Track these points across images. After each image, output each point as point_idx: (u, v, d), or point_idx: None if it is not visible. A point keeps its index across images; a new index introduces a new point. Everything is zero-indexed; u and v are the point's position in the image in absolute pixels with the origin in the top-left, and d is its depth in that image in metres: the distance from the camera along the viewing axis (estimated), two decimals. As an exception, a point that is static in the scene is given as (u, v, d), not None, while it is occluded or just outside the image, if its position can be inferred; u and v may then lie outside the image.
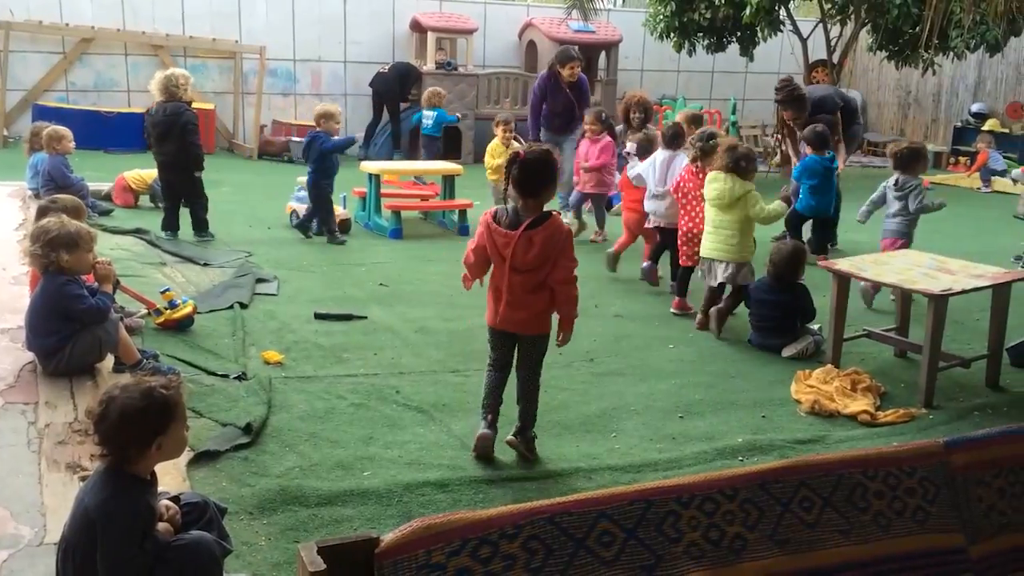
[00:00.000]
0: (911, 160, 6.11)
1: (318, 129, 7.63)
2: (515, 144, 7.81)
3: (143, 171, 8.49)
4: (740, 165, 5.35)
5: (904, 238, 6.04)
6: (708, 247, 5.53)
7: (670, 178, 6.17)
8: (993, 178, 12.77)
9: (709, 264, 5.56)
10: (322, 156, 7.50)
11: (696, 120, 7.51)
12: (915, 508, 2.07)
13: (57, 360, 4.10)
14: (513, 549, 1.71)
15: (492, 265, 3.61)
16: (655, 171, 6.33)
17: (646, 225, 6.55)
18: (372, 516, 3.19)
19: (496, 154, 8.15)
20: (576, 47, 9.22)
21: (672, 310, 5.94)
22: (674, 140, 6.39)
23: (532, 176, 3.46)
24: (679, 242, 5.96)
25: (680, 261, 6.02)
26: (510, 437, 3.72)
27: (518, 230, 3.44)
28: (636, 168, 6.59)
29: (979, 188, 12.71)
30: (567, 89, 8.53)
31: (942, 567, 2.06)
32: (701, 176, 5.71)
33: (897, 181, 6.09)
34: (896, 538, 2.03)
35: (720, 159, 5.44)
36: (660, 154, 6.40)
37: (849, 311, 4.91)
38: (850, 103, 8.36)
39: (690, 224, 5.86)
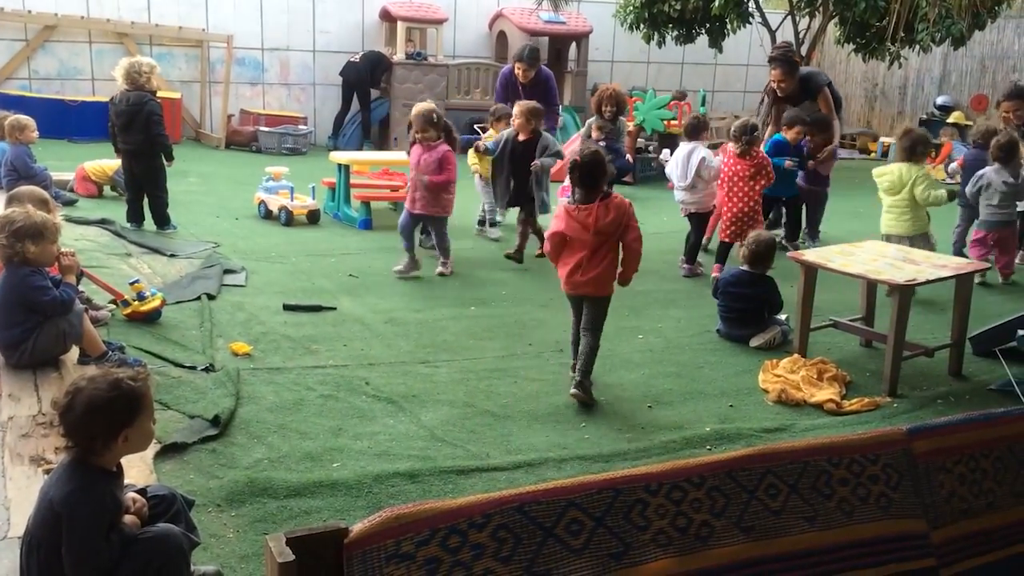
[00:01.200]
0: (1015, 150, 6.52)
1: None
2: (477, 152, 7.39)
3: (104, 161, 8.37)
4: (916, 150, 5.96)
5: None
6: (886, 224, 6.12)
7: (691, 169, 6.60)
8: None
9: (887, 238, 6.03)
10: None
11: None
12: (879, 495, 2.10)
13: (20, 352, 4.04)
14: (482, 538, 1.71)
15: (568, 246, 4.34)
16: (677, 166, 6.74)
17: (681, 214, 6.88)
18: (341, 507, 3.18)
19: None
20: (535, 46, 8.56)
21: (713, 275, 6.26)
22: (694, 132, 6.80)
23: (589, 174, 4.28)
24: (724, 223, 6.50)
25: (721, 237, 6.59)
26: (572, 391, 4.26)
27: (595, 202, 4.23)
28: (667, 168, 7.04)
29: (945, 179, 12.90)
30: (520, 89, 7.93)
31: (905, 552, 2.09)
32: (743, 162, 6.34)
33: (1005, 172, 6.45)
34: (860, 524, 2.06)
35: (898, 145, 6.12)
36: (682, 148, 6.84)
37: (816, 301, 4.97)
38: (836, 91, 8.27)
39: (734, 208, 6.40)
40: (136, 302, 4.88)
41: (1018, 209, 6.90)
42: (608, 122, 8.49)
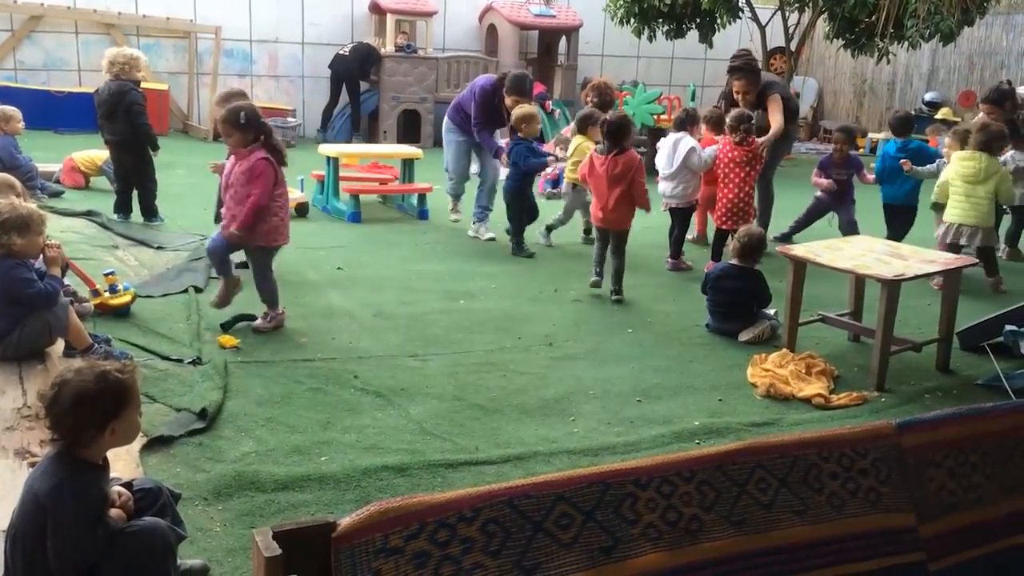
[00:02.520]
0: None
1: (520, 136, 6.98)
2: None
3: (93, 152, 8.31)
4: (992, 145, 6.09)
5: None
6: (958, 214, 6.20)
7: (677, 158, 6.66)
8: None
9: (957, 227, 6.20)
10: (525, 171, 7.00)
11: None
12: (868, 489, 2.10)
13: (5, 344, 4.01)
14: (471, 532, 1.71)
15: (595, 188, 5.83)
16: (663, 155, 6.82)
17: (662, 208, 6.82)
18: (330, 501, 3.17)
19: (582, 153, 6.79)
20: (530, 79, 7.67)
21: (706, 270, 6.07)
22: (681, 125, 6.88)
23: (614, 132, 5.75)
24: (720, 210, 6.55)
25: (717, 225, 6.65)
26: (614, 297, 5.80)
27: (610, 155, 5.71)
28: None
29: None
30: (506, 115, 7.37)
31: (894, 546, 2.09)
32: (739, 150, 6.42)
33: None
34: (850, 518, 2.06)
35: (974, 139, 6.20)
36: (669, 137, 6.90)
37: (804, 296, 4.97)
38: (792, 102, 7.84)
39: (729, 195, 6.46)
40: (106, 294, 4.83)
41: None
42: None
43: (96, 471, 2.39)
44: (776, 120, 7.22)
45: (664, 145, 6.91)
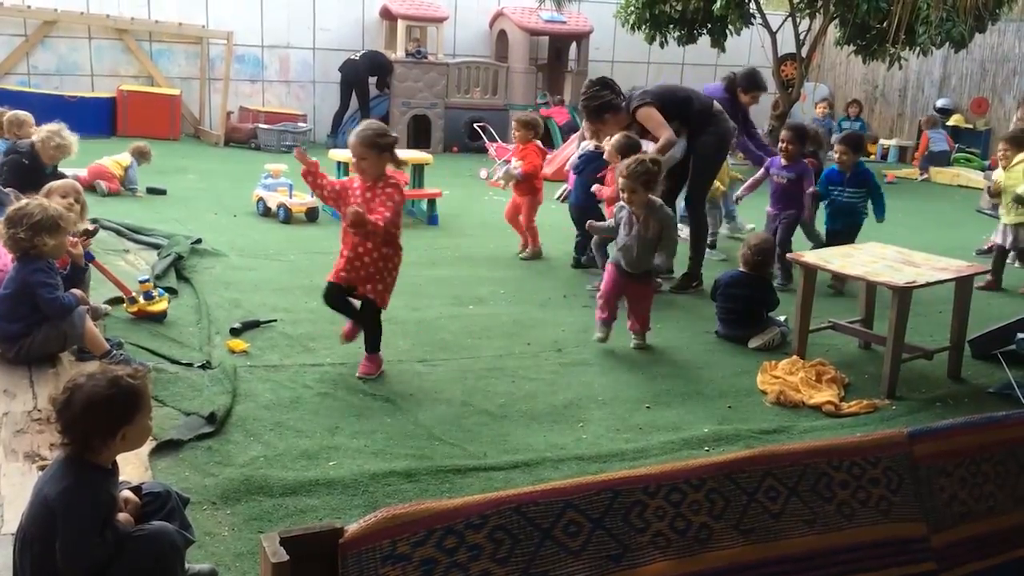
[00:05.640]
0: None
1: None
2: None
3: (118, 157, 8.42)
4: None
5: None
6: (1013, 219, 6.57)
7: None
8: (932, 168, 13.01)
9: (1015, 229, 6.56)
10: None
11: None
12: (879, 498, 2.08)
13: (19, 346, 4.03)
14: (479, 539, 1.70)
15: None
16: None
17: None
18: (337, 506, 3.17)
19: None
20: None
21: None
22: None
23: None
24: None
25: None
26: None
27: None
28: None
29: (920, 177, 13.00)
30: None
31: (904, 556, 2.07)
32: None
33: None
34: (860, 527, 2.04)
35: None
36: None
37: (814, 303, 4.95)
38: (697, 103, 6.24)
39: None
40: (143, 301, 4.86)
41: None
42: None
43: (106, 475, 2.39)
44: (662, 134, 5.90)
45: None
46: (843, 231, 6.33)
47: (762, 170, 6.85)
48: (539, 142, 7.26)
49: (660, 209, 4.97)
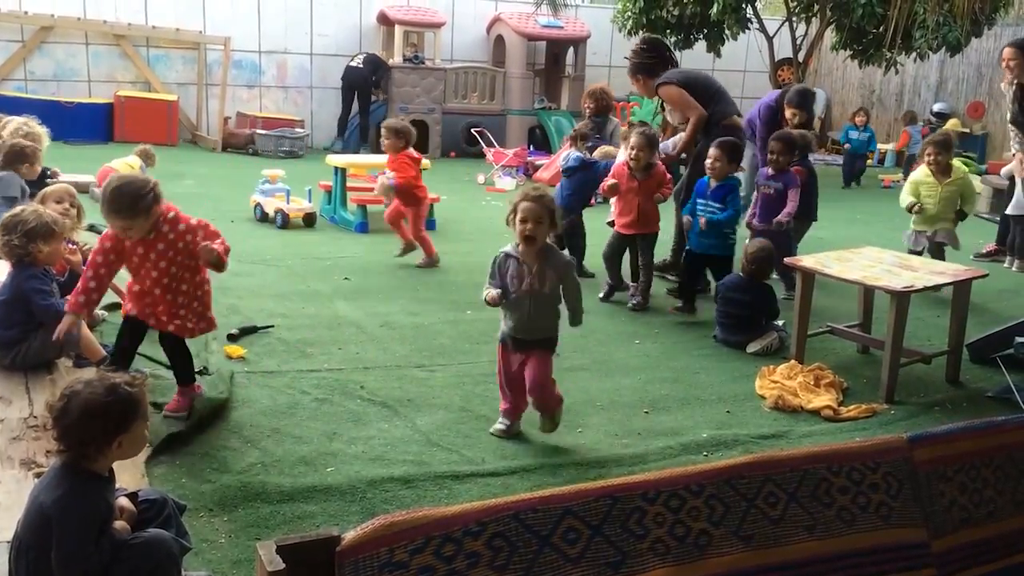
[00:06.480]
0: None
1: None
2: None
3: (128, 159, 8.37)
4: None
5: None
6: None
7: None
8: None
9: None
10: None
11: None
12: (879, 503, 2.07)
13: (15, 353, 4.01)
14: (477, 547, 1.69)
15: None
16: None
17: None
18: (335, 512, 3.15)
19: None
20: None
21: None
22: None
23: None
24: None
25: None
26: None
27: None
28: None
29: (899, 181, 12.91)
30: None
31: (905, 562, 2.06)
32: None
33: None
34: (860, 533, 2.03)
35: None
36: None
37: (812, 308, 4.95)
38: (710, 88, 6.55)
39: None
40: None
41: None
42: (589, 121, 7.44)
43: (102, 483, 2.38)
44: (691, 114, 5.94)
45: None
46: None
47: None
48: (412, 149, 6.92)
49: (556, 255, 3.83)
